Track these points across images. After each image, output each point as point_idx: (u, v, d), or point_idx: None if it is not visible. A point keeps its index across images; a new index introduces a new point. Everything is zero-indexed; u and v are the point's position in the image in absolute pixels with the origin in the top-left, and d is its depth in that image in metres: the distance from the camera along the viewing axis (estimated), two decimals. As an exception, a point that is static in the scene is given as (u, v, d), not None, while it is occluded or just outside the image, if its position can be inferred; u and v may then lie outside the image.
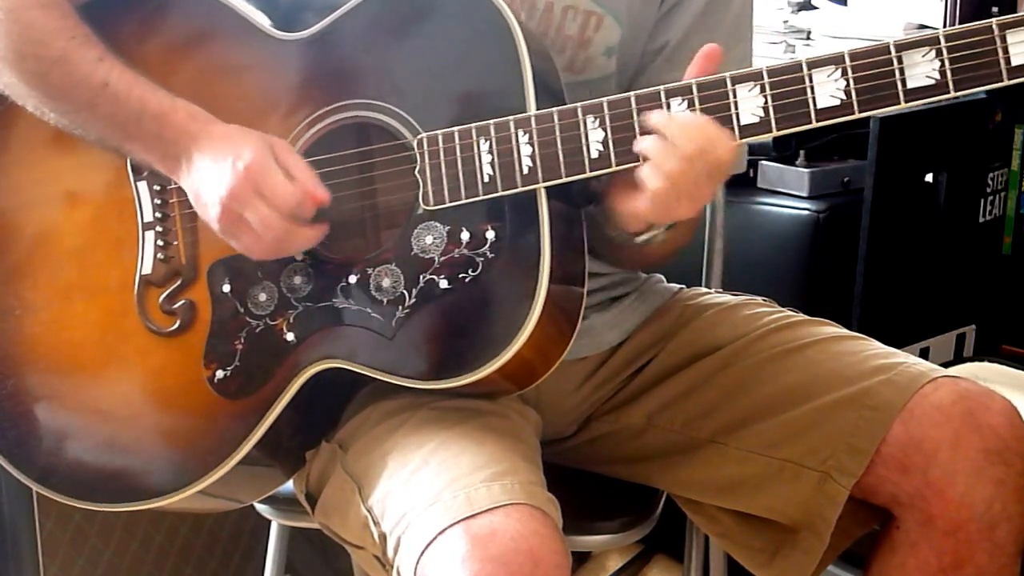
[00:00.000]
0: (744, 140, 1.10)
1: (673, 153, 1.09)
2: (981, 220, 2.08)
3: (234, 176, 1.17)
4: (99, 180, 1.31)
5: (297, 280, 1.24)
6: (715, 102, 1.11)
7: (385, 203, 1.24)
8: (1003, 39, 1.03)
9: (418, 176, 1.18)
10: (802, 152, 1.95)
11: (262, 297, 1.25)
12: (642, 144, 1.11)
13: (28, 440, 1.31)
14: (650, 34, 1.35)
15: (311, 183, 1.19)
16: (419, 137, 1.19)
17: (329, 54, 1.25)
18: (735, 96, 1.10)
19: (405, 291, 1.19)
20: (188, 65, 1.29)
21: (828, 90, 1.08)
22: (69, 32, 1.23)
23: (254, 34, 1.27)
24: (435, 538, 1.08)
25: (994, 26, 1.04)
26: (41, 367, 1.32)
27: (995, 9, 2.08)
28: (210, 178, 1.19)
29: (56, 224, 1.33)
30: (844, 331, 1.38)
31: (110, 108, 1.22)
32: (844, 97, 1.07)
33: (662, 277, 1.52)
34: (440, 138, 1.18)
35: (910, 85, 1.06)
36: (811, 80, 1.08)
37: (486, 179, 1.16)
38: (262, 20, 1.28)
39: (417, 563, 1.09)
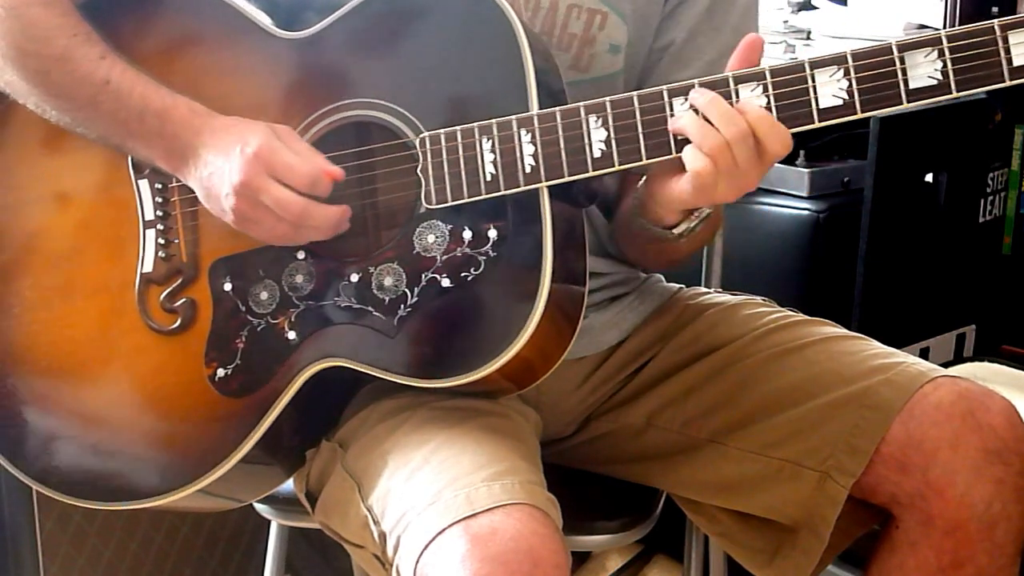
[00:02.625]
0: None
1: (713, 133, 1.08)
2: (981, 220, 2.08)
3: (244, 162, 1.16)
4: (100, 178, 1.31)
5: (299, 279, 1.23)
6: (717, 102, 1.11)
7: (387, 202, 1.24)
8: (1004, 40, 1.03)
9: (420, 175, 1.18)
10: (802, 152, 1.94)
11: (264, 295, 1.25)
12: (680, 122, 1.10)
13: (28, 439, 1.31)
14: (656, 32, 1.35)
15: (322, 160, 1.19)
16: (421, 136, 1.18)
17: (331, 53, 1.25)
18: (738, 96, 1.10)
19: (407, 290, 1.19)
20: (189, 64, 1.29)
21: (830, 90, 1.08)
22: (71, 30, 1.23)
23: (256, 33, 1.27)
24: (435, 537, 1.08)
25: (996, 27, 1.04)
26: (41, 366, 1.32)
27: (995, 9, 2.08)
28: (220, 169, 1.18)
29: (56, 222, 1.33)
30: (844, 331, 1.38)
31: (112, 105, 1.22)
32: (846, 97, 1.07)
33: (661, 277, 1.52)
34: (442, 137, 1.17)
35: (912, 85, 1.06)
36: (814, 80, 1.08)
37: (488, 178, 1.16)
38: (263, 19, 1.28)
39: (417, 562, 1.09)
